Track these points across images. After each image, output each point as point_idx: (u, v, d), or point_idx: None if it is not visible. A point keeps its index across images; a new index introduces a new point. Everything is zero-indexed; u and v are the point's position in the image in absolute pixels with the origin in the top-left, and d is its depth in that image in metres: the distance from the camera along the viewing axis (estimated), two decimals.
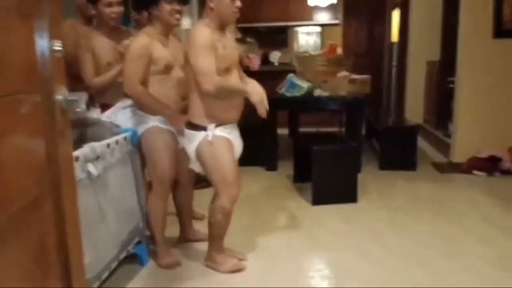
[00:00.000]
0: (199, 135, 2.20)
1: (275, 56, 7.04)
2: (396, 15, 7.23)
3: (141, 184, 2.47)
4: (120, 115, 2.43)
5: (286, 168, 4.11)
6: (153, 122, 2.33)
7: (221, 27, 2.20)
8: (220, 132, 2.20)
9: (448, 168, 4.14)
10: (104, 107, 2.46)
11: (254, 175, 4.13)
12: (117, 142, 2.18)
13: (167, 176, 2.37)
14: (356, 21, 7.65)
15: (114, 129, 2.35)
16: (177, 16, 2.31)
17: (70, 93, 1.23)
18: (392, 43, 7.45)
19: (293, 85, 4.18)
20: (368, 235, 2.79)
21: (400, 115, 6.44)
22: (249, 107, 2.23)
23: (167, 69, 2.31)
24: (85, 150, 1.89)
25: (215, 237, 2.36)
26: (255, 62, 6.45)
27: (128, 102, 2.44)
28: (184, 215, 2.72)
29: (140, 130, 2.36)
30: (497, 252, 2.51)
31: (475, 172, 3.94)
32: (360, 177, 3.50)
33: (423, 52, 6.19)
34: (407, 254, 2.52)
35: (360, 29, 7.72)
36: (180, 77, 2.40)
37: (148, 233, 2.53)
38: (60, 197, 1.20)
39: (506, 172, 3.88)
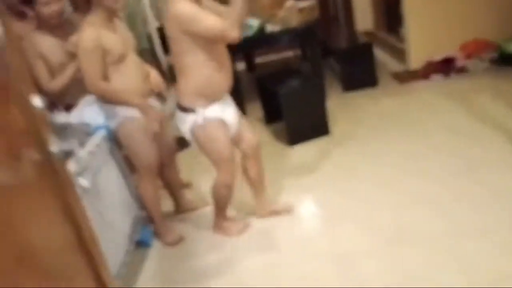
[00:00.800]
0: (189, 118, 2.18)
1: None
2: None
3: (127, 174, 2.49)
4: (87, 112, 2.36)
5: (254, 109, 4.14)
6: (123, 112, 2.27)
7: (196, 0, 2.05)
8: (210, 112, 2.18)
9: (407, 76, 4.29)
10: (68, 108, 2.38)
11: None
12: (96, 145, 2.15)
13: (153, 163, 2.39)
14: None
15: (85, 129, 2.30)
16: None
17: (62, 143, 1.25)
18: None
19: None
20: (346, 168, 2.97)
21: (350, 24, 6.42)
22: None
23: (123, 56, 2.22)
24: (71, 165, 1.86)
25: (221, 208, 2.47)
26: None
27: (92, 97, 2.36)
28: (174, 189, 2.78)
29: (113, 124, 2.31)
30: (465, 162, 2.72)
31: (433, 76, 4.11)
32: (328, 103, 3.60)
33: None
34: (383, 180, 2.72)
35: None
36: (135, 59, 2.32)
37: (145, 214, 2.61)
38: (73, 213, 1.33)
39: (461, 70, 4.06)
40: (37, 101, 1.16)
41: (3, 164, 1.03)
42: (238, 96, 4.21)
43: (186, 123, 2.22)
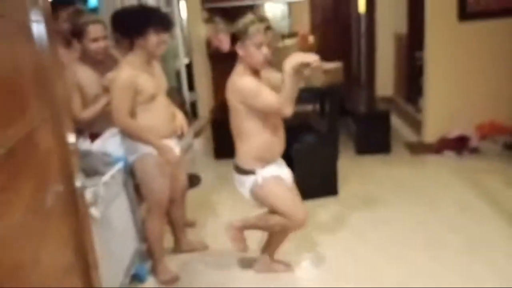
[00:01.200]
0: (249, 180, 2.28)
1: None
2: None
3: (136, 207, 2.56)
4: (109, 143, 2.47)
5: None
6: (144, 149, 2.37)
7: (255, 72, 2.20)
8: (268, 172, 2.27)
9: (420, 149, 4.36)
10: (93, 136, 2.49)
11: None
12: (112, 177, 2.23)
13: (165, 200, 2.47)
14: None
15: (105, 158, 2.39)
16: (163, 46, 2.31)
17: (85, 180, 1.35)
18: (359, 14, 7.49)
19: None
20: (351, 231, 2.99)
21: (371, 89, 6.60)
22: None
23: (153, 98, 2.34)
24: (88, 195, 1.94)
25: (258, 227, 2.48)
26: (225, 43, 6.41)
27: (116, 129, 2.47)
28: (178, 228, 2.83)
29: (132, 157, 2.41)
30: (468, 240, 2.76)
31: (445, 152, 4.18)
32: (339, 163, 3.66)
33: (390, 23, 6.29)
34: (386, 249, 2.74)
35: (327, 0, 7.73)
36: (164, 100, 2.44)
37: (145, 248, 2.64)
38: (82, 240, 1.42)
39: (474, 150, 4.13)
40: (72, 138, 1.25)
41: (31, 192, 1.11)
42: None
43: (246, 185, 2.31)
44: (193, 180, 4.12)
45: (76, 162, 1.31)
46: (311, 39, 4.50)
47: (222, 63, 6.39)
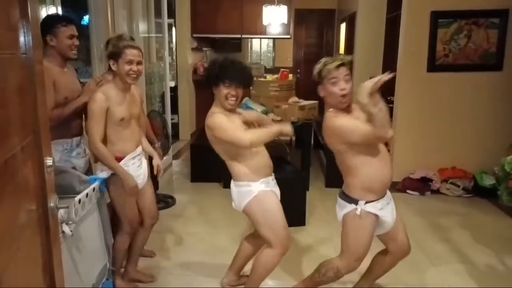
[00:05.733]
0: (349, 207, 2.23)
1: None
2: (343, 29, 7.60)
3: (107, 225, 2.67)
4: (131, 165, 2.57)
5: None
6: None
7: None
8: (371, 208, 2.20)
9: None
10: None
11: (211, 192, 4.40)
12: (87, 195, 2.35)
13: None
14: (307, 32, 7.99)
15: (82, 177, 2.51)
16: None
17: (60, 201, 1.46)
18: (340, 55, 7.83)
19: (248, 109, 4.44)
20: (312, 261, 3.11)
21: None
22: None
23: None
24: (60, 213, 2.05)
25: (314, 284, 2.48)
26: None
27: (138, 150, 2.62)
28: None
29: (104, 175, 2.53)
30: (422, 279, 2.92)
31: (409, 191, 4.40)
32: (309, 194, 3.82)
33: (367, 67, 6.61)
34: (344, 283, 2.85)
35: (310, 40, 8.08)
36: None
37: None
38: (51, 260, 1.43)
39: (436, 191, 4.37)
40: (49, 161, 1.36)
41: (4, 211, 1.08)
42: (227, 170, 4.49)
43: (343, 209, 2.27)
44: (168, 201, 4.24)
45: (52, 183, 1.41)
46: (290, 76, 4.75)
47: (206, 90, 6.63)
